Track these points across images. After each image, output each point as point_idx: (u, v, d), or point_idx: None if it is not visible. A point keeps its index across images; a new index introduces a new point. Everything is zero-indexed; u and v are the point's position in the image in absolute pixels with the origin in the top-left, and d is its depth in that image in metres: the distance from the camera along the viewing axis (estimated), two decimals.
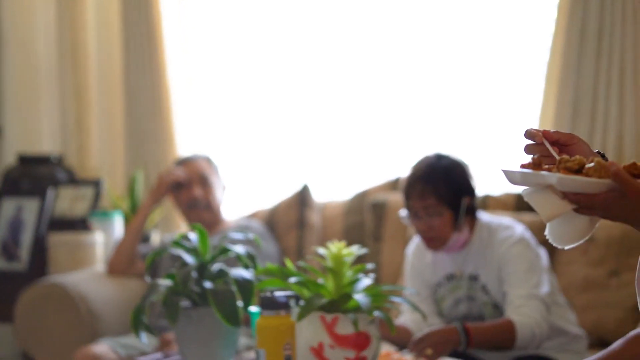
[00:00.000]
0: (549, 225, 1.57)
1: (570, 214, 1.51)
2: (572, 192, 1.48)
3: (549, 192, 1.50)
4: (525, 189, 1.56)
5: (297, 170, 4.26)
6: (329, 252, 2.35)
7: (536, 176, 1.51)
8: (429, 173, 2.95)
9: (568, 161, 1.50)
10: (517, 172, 1.54)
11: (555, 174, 1.49)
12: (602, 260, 3.24)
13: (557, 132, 1.59)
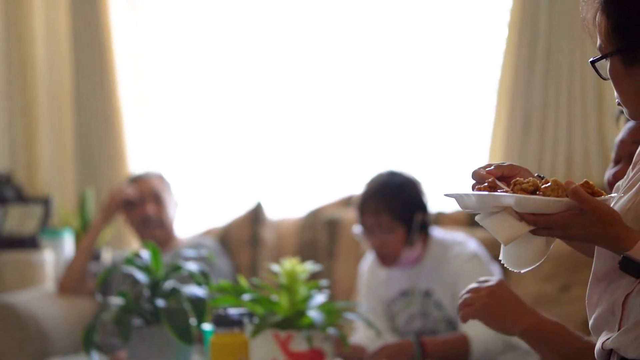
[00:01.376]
0: (504, 249, 1.56)
1: (526, 236, 1.51)
2: (530, 212, 1.48)
3: (505, 215, 1.49)
4: (479, 214, 1.55)
5: (251, 188, 4.24)
6: (283, 269, 2.34)
7: (493, 198, 1.50)
8: (383, 190, 2.96)
9: (523, 183, 1.50)
10: (472, 195, 1.53)
11: (513, 195, 1.49)
12: (554, 275, 3.27)
13: (499, 167, 1.60)
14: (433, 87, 4.01)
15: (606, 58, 1.56)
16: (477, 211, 1.54)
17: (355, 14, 4.09)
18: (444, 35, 3.97)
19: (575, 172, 3.57)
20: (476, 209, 1.54)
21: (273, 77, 4.24)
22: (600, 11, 1.56)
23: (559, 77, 3.60)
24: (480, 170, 1.60)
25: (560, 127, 3.61)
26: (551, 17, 3.59)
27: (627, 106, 1.57)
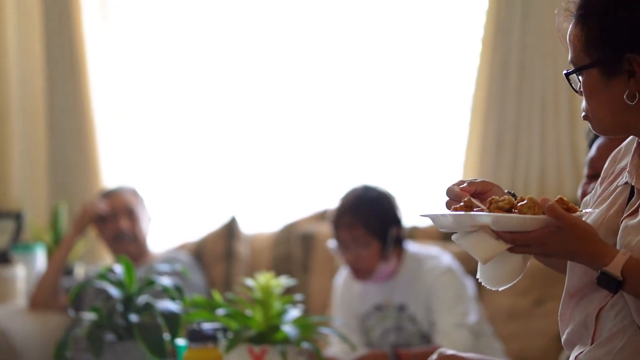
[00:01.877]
0: (481, 267, 1.56)
1: (503, 254, 1.51)
2: (507, 230, 1.48)
3: (482, 234, 1.50)
4: (455, 234, 1.55)
5: (225, 202, 4.23)
6: (257, 284, 2.34)
7: (470, 217, 1.50)
8: (357, 204, 2.97)
9: (499, 201, 1.51)
10: (449, 215, 1.53)
11: (490, 214, 1.49)
12: (527, 289, 3.29)
13: (472, 184, 1.60)
14: (407, 101, 4.02)
15: (585, 70, 1.54)
16: (454, 231, 1.55)
17: (329, 34, 4.10)
18: (419, 50, 3.99)
19: (549, 187, 3.59)
20: (453, 229, 1.54)
21: (246, 90, 4.24)
22: (576, 24, 1.56)
23: (532, 92, 3.63)
24: (454, 187, 1.60)
25: (534, 142, 3.63)
26: (524, 33, 3.62)
27: (598, 120, 1.57)
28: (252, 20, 4.20)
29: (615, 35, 1.53)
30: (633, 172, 1.58)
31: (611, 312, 1.55)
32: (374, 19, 4.04)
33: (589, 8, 1.55)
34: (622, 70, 1.53)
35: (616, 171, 1.66)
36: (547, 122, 3.62)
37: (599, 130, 1.59)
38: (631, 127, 1.56)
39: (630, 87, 1.53)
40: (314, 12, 4.12)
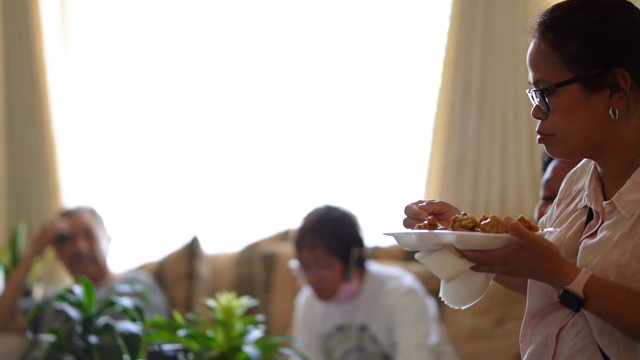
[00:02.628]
0: (444, 286, 1.56)
1: (467, 273, 1.52)
2: (471, 249, 1.49)
3: (445, 252, 1.50)
4: (419, 252, 1.56)
5: (186, 222, 4.21)
6: (219, 304, 2.32)
7: (434, 236, 1.51)
8: (319, 224, 2.98)
9: (462, 220, 1.51)
10: (413, 234, 1.53)
11: (454, 232, 1.50)
12: (488, 309, 3.30)
13: (430, 204, 1.61)
14: (369, 121, 4.04)
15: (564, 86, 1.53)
16: (418, 249, 1.55)
17: (292, 59, 4.11)
18: (381, 69, 4.01)
19: (509, 206, 3.62)
20: (416, 247, 1.55)
21: (207, 110, 4.23)
22: (551, 41, 1.55)
23: (492, 113, 3.66)
24: (413, 205, 1.61)
25: (494, 162, 3.66)
26: (485, 54, 3.66)
27: (568, 139, 1.55)
28: (212, 46, 4.19)
29: (601, 50, 1.53)
30: (592, 195, 1.59)
31: (571, 331, 1.56)
32: (333, 41, 4.06)
33: (568, 24, 1.55)
34: (606, 85, 1.53)
35: (573, 193, 1.67)
36: (507, 143, 3.65)
37: (561, 151, 1.58)
38: (602, 146, 1.56)
39: (613, 102, 1.53)
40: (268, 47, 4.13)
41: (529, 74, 1.59)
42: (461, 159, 3.69)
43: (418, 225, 1.56)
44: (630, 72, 1.53)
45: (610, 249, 1.51)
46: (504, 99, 3.64)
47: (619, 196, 1.54)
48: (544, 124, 1.57)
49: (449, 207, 1.62)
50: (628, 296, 1.47)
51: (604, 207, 1.56)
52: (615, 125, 1.54)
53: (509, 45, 3.59)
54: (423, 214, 1.59)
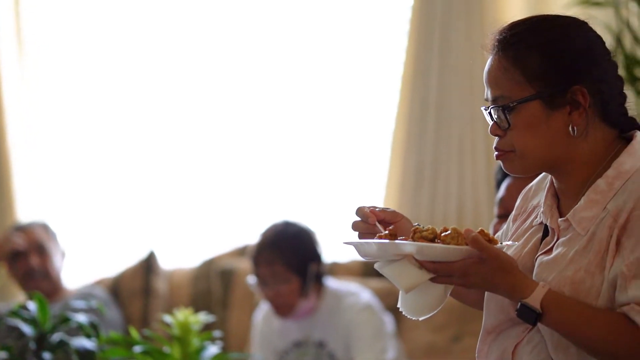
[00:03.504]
0: (403, 297, 1.57)
1: (426, 284, 1.52)
2: (431, 260, 1.49)
3: (405, 263, 1.50)
4: (379, 262, 1.56)
5: (143, 236, 4.18)
6: (175, 320, 2.30)
7: (394, 246, 1.51)
8: (277, 240, 2.97)
9: (423, 231, 1.52)
10: (373, 243, 1.53)
11: (414, 243, 1.50)
12: (445, 325, 3.32)
13: (384, 211, 1.62)
14: (328, 137, 4.05)
15: (525, 103, 1.53)
16: (377, 259, 1.55)
17: (243, 73, 4.11)
18: (339, 85, 4.02)
19: (466, 222, 3.65)
20: (376, 257, 1.55)
21: (162, 122, 4.20)
22: (511, 57, 1.55)
23: (449, 130, 3.69)
24: (365, 207, 1.62)
25: (452, 178, 3.69)
26: (442, 72, 3.69)
27: (526, 155, 1.56)
28: (157, 57, 4.17)
29: (561, 67, 1.54)
30: (547, 212, 1.61)
31: (527, 347, 1.56)
32: (291, 58, 4.07)
33: (529, 41, 1.56)
34: (566, 102, 1.54)
35: (529, 209, 1.68)
36: (465, 160, 3.68)
37: (519, 167, 1.58)
38: (559, 163, 1.57)
39: (572, 119, 1.54)
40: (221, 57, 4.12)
41: (486, 91, 1.60)
42: (419, 176, 3.71)
43: (379, 235, 1.56)
44: (589, 89, 1.54)
45: (565, 266, 1.53)
46: (461, 116, 3.67)
47: (574, 213, 1.55)
48: (502, 141, 1.58)
49: (401, 217, 1.63)
50: (584, 310, 1.49)
51: (559, 224, 1.58)
52: (574, 142, 1.56)
53: (466, 63, 3.63)
54: (372, 217, 1.60)
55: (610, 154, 1.56)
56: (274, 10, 4.07)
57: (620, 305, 1.47)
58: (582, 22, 1.59)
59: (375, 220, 1.60)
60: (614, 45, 1.58)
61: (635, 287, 1.45)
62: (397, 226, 1.62)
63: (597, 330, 1.47)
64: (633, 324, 1.45)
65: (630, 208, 1.49)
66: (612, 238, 1.50)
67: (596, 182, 1.55)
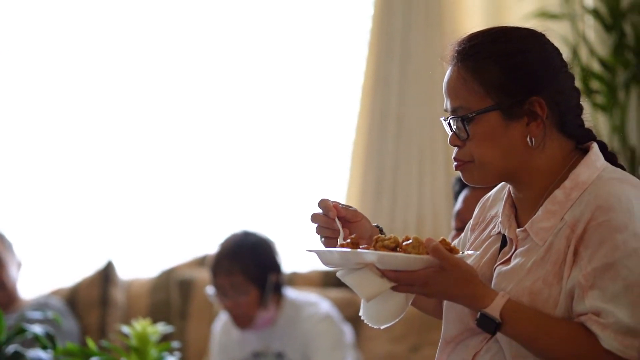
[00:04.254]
0: (364, 305, 1.57)
1: (387, 293, 1.52)
2: (392, 269, 1.50)
3: (367, 271, 1.51)
4: (340, 271, 1.56)
5: (101, 245, 4.14)
6: (133, 331, 2.28)
7: (356, 255, 1.51)
8: (236, 250, 2.96)
9: (384, 240, 1.53)
10: (335, 252, 1.54)
11: (376, 252, 1.50)
12: (404, 335, 3.33)
13: (345, 209, 1.63)
14: (288, 147, 4.05)
15: (484, 113, 1.54)
16: (339, 267, 1.55)
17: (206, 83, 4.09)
18: (300, 95, 4.03)
19: (425, 232, 3.66)
20: (338, 265, 1.55)
21: (117, 129, 4.17)
22: (470, 68, 1.56)
23: (409, 140, 3.71)
24: (328, 201, 1.63)
25: (412, 188, 3.71)
26: (403, 81, 3.71)
27: (485, 165, 1.57)
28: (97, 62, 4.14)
29: (519, 79, 1.55)
30: (505, 222, 1.62)
31: (486, 356, 1.57)
32: (250, 66, 4.06)
33: (488, 52, 1.57)
34: (524, 113, 1.55)
35: (487, 219, 1.69)
36: (424, 170, 3.70)
37: (478, 177, 1.59)
38: (517, 173, 1.58)
39: (530, 130, 1.55)
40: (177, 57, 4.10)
41: (446, 102, 1.60)
42: (379, 186, 3.73)
43: (341, 244, 1.57)
44: (546, 100, 1.56)
45: (523, 276, 1.54)
46: (421, 126, 3.69)
47: (532, 223, 1.56)
48: (461, 151, 1.59)
49: (362, 217, 1.64)
50: (543, 320, 1.50)
51: (517, 234, 1.59)
52: (532, 153, 1.57)
53: (426, 73, 3.65)
54: (332, 212, 1.61)
55: (567, 165, 1.58)
56: (232, 23, 4.06)
57: (577, 315, 1.48)
58: (540, 34, 1.61)
59: (335, 215, 1.61)
60: (570, 57, 1.59)
61: (592, 297, 1.46)
62: (357, 225, 1.63)
63: (555, 339, 1.48)
64: (590, 334, 1.46)
65: (587, 219, 1.50)
66: (570, 248, 1.51)
67: (554, 193, 1.56)
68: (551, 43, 1.61)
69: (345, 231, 1.61)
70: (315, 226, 1.64)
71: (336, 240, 1.62)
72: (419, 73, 3.67)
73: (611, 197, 1.50)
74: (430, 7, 3.69)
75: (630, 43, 3.52)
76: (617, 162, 1.61)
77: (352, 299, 3.29)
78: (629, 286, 1.46)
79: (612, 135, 3.51)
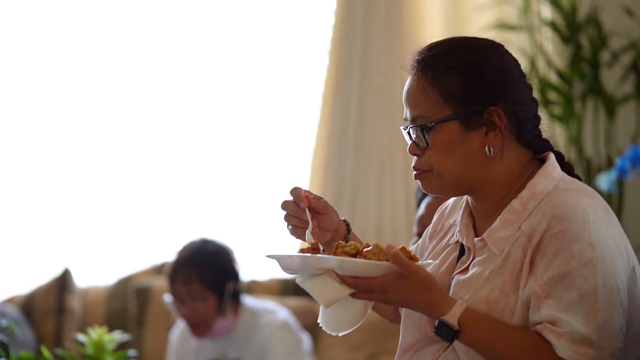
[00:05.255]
0: (323, 312, 1.57)
1: (346, 299, 1.52)
2: (352, 275, 1.50)
3: (326, 277, 1.50)
4: (300, 276, 1.56)
5: (57, 253, 4.09)
6: (89, 339, 2.26)
7: (316, 260, 1.51)
8: (195, 258, 2.95)
9: (345, 246, 1.53)
10: (295, 257, 1.53)
11: (336, 257, 1.50)
12: (362, 344, 3.33)
13: (317, 200, 1.63)
14: (247, 155, 4.04)
15: (443, 123, 1.55)
16: (299, 273, 1.55)
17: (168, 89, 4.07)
18: (259, 103, 4.02)
19: (384, 240, 3.67)
20: (298, 271, 1.55)
21: (75, 136, 4.13)
22: (430, 78, 1.57)
23: (369, 148, 3.72)
24: (300, 190, 1.63)
25: (371, 197, 3.72)
26: (362, 90, 3.72)
27: (444, 175, 1.57)
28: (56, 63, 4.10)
29: (478, 89, 1.56)
30: (464, 231, 1.63)
31: None
32: (207, 72, 4.05)
33: (447, 62, 1.57)
34: (482, 123, 1.56)
35: (445, 227, 1.70)
36: (384, 179, 3.71)
37: (436, 186, 1.60)
38: (476, 183, 1.59)
39: (488, 140, 1.56)
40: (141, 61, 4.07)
41: (405, 111, 1.61)
42: (338, 194, 3.73)
43: (301, 249, 1.56)
44: (505, 110, 1.57)
45: (481, 285, 1.54)
46: (381, 135, 3.70)
47: (490, 233, 1.57)
48: (420, 160, 1.60)
49: (331, 210, 1.65)
50: (500, 328, 1.50)
51: (475, 243, 1.60)
52: (490, 162, 1.58)
53: (386, 83, 3.67)
54: (304, 202, 1.61)
55: (525, 175, 1.59)
56: (192, 28, 4.05)
57: (533, 324, 1.49)
58: (499, 45, 1.62)
59: (306, 206, 1.62)
60: (528, 68, 1.60)
61: (548, 307, 1.47)
62: (326, 218, 1.64)
63: (512, 348, 1.49)
64: (546, 343, 1.47)
65: (543, 229, 1.51)
66: (526, 258, 1.52)
67: (511, 203, 1.57)
68: (510, 54, 1.62)
69: (314, 222, 1.62)
70: (284, 213, 1.64)
71: (303, 230, 1.62)
72: (379, 82, 3.69)
73: (567, 207, 1.52)
74: (390, 16, 3.71)
75: (586, 55, 3.57)
76: (573, 173, 1.63)
77: (310, 307, 3.29)
78: (584, 295, 1.47)
79: (569, 145, 3.56)
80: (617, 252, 1.51)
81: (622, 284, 1.50)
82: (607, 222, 1.53)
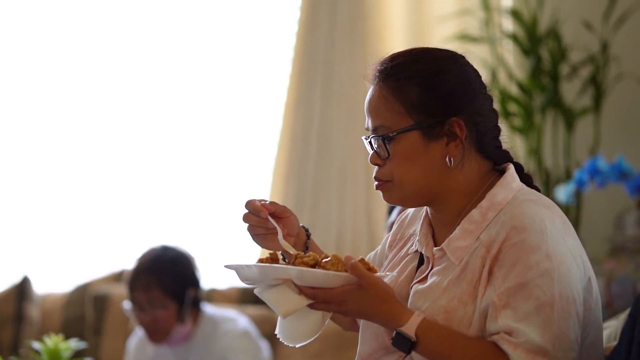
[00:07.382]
0: (281, 322, 1.56)
1: (304, 310, 1.52)
2: (310, 285, 1.49)
3: (284, 288, 1.50)
4: (258, 287, 1.55)
5: (14, 260, 4.04)
6: (45, 347, 2.24)
7: (274, 270, 1.51)
8: (155, 264, 2.94)
9: (304, 257, 1.53)
10: (254, 266, 1.53)
11: (295, 267, 1.50)
12: (321, 353, 3.33)
13: (274, 204, 1.63)
14: (208, 163, 4.03)
15: (405, 133, 1.55)
16: (258, 283, 1.54)
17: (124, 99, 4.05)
18: (222, 110, 4.01)
19: (345, 250, 3.68)
20: (256, 281, 1.54)
21: (37, 141, 4.09)
22: (392, 88, 1.57)
23: (331, 157, 3.73)
24: (255, 201, 1.62)
25: (332, 207, 3.72)
26: (325, 99, 3.73)
27: (405, 185, 1.58)
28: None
29: (439, 99, 1.57)
30: (423, 241, 1.63)
31: None
32: (169, 78, 4.03)
33: (408, 72, 1.58)
34: (443, 133, 1.57)
35: (405, 237, 1.71)
36: (345, 189, 3.72)
37: (397, 197, 1.60)
38: (436, 193, 1.60)
39: (449, 150, 1.57)
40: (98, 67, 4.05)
41: (367, 121, 1.62)
42: (299, 203, 3.73)
43: (259, 259, 1.56)
44: (465, 121, 1.58)
45: (439, 295, 1.55)
46: (343, 145, 3.71)
47: (449, 242, 1.58)
48: (382, 170, 1.60)
49: (291, 214, 1.65)
50: (457, 339, 1.51)
51: (434, 253, 1.60)
52: (450, 173, 1.59)
53: (349, 92, 3.68)
54: (264, 212, 1.61)
55: (484, 185, 1.60)
56: (153, 31, 4.03)
57: (490, 334, 1.50)
58: (460, 56, 1.63)
59: (267, 215, 1.62)
60: (489, 80, 1.61)
61: (505, 317, 1.48)
62: (287, 221, 1.64)
63: (469, 358, 1.50)
64: (502, 353, 1.48)
65: (502, 239, 1.53)
66: (485, 268, 1.53)
67: (470, 213, 1.58)
68: (471, 65, 1.63)
69: (280, 226, 1.61)
70: (247, 225, 1.64)
71: (271, 237, 1.63)
72: (342, 91, 3.70)
73: (525, 217, 1.53)
74: (353, 26, 3.73)
75: (546, 68, 3.61)
76: (532, 184, 1.64)
77: (269, 316, 3.28)
78: (541, 306, 1.48)
79: (529, 157, 3.59)
80: (573, 263, 1.53)
81: (578, 295, 1.51)
82: (564, 233, 1.55)
